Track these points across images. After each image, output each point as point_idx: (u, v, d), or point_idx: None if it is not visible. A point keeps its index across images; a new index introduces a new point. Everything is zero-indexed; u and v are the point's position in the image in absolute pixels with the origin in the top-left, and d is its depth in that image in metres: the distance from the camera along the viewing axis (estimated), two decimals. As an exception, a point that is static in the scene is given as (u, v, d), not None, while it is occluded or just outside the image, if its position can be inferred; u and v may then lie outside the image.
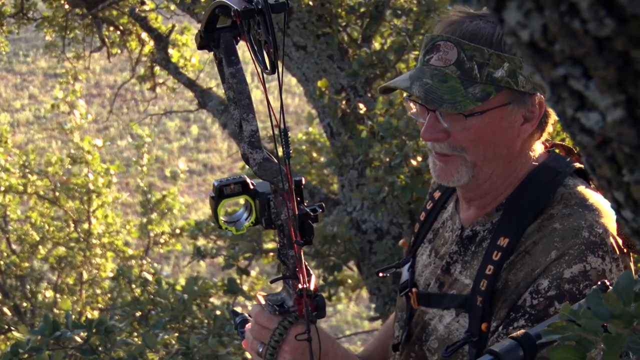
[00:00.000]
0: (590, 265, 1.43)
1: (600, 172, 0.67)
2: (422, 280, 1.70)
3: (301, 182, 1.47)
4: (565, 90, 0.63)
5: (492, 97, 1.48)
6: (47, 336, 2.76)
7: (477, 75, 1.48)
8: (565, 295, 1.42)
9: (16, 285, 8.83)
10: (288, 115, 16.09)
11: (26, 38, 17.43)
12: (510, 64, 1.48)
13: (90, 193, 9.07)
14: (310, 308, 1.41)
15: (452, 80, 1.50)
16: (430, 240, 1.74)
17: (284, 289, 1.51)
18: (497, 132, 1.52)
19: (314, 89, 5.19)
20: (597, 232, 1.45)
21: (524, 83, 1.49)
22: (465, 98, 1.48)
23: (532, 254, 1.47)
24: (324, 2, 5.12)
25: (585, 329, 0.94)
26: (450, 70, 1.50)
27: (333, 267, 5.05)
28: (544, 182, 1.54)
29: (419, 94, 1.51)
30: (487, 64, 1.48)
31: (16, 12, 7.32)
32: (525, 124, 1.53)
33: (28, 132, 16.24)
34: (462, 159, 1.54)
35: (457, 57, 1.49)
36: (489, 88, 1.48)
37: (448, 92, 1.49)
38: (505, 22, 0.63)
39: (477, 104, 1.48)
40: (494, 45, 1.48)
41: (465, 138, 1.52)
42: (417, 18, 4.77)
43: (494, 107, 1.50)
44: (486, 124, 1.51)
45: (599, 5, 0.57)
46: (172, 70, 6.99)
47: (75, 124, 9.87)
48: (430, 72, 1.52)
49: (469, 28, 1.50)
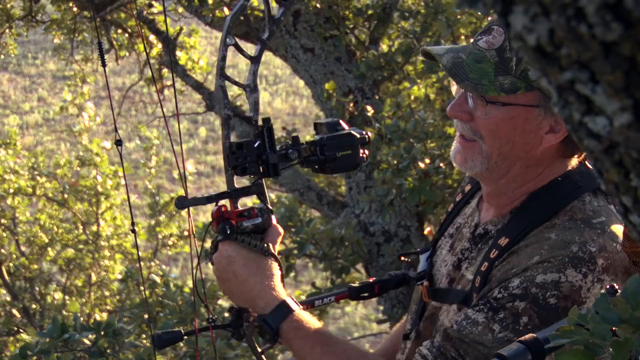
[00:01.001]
0: (567, 278, 1.42)
1: (607, 176, 0.67)
2: (439, 275, 1.71)
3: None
4: (572, 95, 0.63)
5: (519, 93, 1.47)
6: (55, 338, 2.76)
7: (513, 67, 1.48)
8: (528, 296, 1.41)
9: (25, 287, 8.86)
10: (296, 117, 16.11)
11: (35, 40, 17.50)
12: None
13: (98, 195, 9.09)
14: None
15: (486, 64, 1.49)
16: (451, 235, 1.74)
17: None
18: (518, 131, 1.51)
19: (321, 91, 5.19)
20: (588, 250, 1.44)
21: None
22: (491, 84, 1.48)
23: (518, 254, 1.48)
24: (331, 5, 5.12)
25: (594, 334, 0.93)
26: (490, 54, 1.50)
27: (341, 269, 5.04)
28: (560, 193, 1.53)
29: (446, 63, 1.52)
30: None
31: (25, 15, 7.35)
32: (550, 134, 1.51)
33: (37, 134, 16.30)
34: (479, 147, 1.54)
35: (501, 44, 1.49)
36: (519, 83, 1.47)
37: (477, 72, 1.49)
38: (511, 26, 0.63)
39: (501, 94, 1.47)
40: None
41: (484, 125, 1.52)
42: (425, 20, 4.77)
43: (519, 104, 1.49)
44: (508, 119, 1.50)
45: (605, 9, 0.57)
46: (180, 73, 7.00)
47: (83, 126, 9.90)
48: (471, 50, 1.52)
49: None
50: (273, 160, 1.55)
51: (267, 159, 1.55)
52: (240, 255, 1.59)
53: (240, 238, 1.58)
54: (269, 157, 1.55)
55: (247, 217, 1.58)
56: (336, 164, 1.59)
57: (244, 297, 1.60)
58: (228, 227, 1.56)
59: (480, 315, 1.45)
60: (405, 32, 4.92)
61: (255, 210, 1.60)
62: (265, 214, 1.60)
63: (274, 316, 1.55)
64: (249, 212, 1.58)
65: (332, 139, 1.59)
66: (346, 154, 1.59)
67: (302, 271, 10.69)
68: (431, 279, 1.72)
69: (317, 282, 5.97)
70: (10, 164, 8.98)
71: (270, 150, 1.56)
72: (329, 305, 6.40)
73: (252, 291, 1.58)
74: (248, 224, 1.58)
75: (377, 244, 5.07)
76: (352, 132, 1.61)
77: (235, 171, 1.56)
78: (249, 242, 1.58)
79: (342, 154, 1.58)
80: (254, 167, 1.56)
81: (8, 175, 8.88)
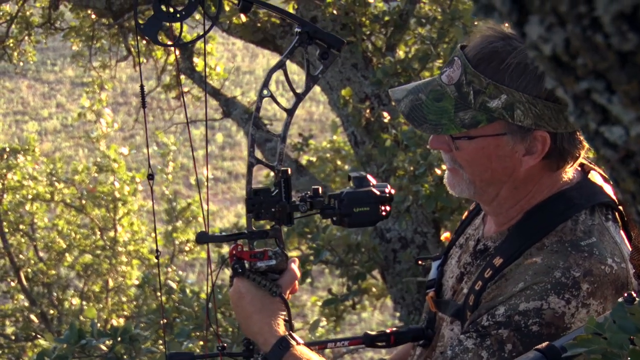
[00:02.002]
0: (549, 305, 1.42)
1: (624, 185, 0.67)
2: (446, 286, 1.73)
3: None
4: (588, 104, 0.63)
5: (481, 125, 1.47)
6: (72, 344, 2.78)
7: (472, 101, 1.48)
8: (511, 324, 1.43)
9: (43, 293, 8.92)
10: (312, 123, 16.13)
11: (54, 47, 17.64)
12: (508, 96, 1.45)
13: (116, 201, 9.15)
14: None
15: (446, 101, 1.50)
16: (461, 246, 1.75)
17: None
18: (493, 158, 1.51)
19: (338, 97, 5.20)
20: (572, 275, 1.43)
21: (521, 117, 1.45)
22: (451, 122, 1.49)
23: (507, 279, 1.49)
24: (348, 11, 5.13)
25: (611, 343, 0.93)
26: (450, 90, 1.51)
27: (357, 275, 5.04)
28: (554, 212, 1.52)
29: (404, 109, 1.55)
30: (483, 92, 1.46)
31: (44, 22, 7.42)
32: (527, 156, 1.50)
33: (55, 140, 16.42)
34: (462, 175, 1.56)
35: (458, 79, 1.49)
36: (480, 116, 1.47)
37: (436, 112, 1.50)
38: (527, 35, 0.63)
39: (462, 130, 1.48)
40: (498, 73, 1.46)
41: (460, 156, 1.54)
42: (442, 27, 4.77)
43: (485, 135, 1.49)
44: (479, 149, 1.51)
45: (621, 19, 0.56)
46: (197, 79, 7.04)
47: (101, 132, 9.97)
48: (433, 86, 1.54)
49: (484, 50, 1.48)
50: (286, 210, 1.65)
51: (282, 208, 1.64)
52: (249, 292, 1.66)
53: (252, 276, 1.67)
54: (283, 206, 1.64)
55: (260, 258, 1.68)
56: (352, 219, 1.67)
57: (249, 332, 1.67)
58: (239, 266, 1.67)
59: (470, 342, 1.48)
60: (422, 39, 4.92)
61: (268, 252, 1.69)
62: (280, 257, 1.70)
63: (274, 353, 1.60)
64: (262, 254, 1.69)
65: (350, 194, 1.67)
66: (363, 210, 1.66)
67: (319, 277, 10.69)
68: (440, 288, 1.73)
69: (334, 288, 5.97)
70: (29, 170, 9.05)
71: (285, 200, 1.64)
72: (346, 312, 6.40)
73: (254, 327, 1.64)
74: (262, 264, 1.69)
75: (393, 250, 5.06)
76: (373, 189, 1.66)
77: (251, 215, 1.66)
78: (260, 281, 1.67)
79: (359, 210, 1.66)
80: (269, 214, 1.66)
81: (27, 182, 8.95)
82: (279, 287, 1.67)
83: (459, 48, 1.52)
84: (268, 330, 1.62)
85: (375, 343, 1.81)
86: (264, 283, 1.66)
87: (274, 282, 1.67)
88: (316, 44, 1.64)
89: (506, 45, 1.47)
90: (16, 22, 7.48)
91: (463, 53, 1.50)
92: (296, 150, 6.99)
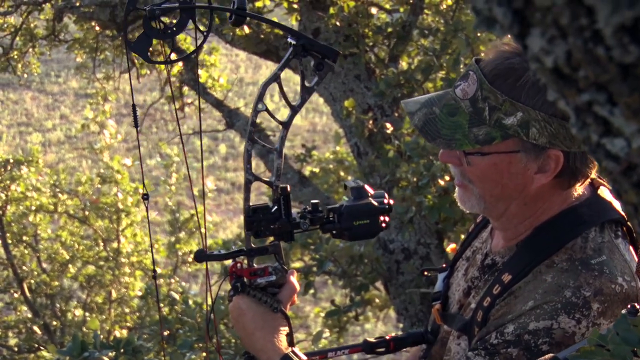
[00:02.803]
0: (559, 325, 1.41)
1: (626, 198, 0.67)
2: (453, 299, 1.72)
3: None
4: (590, 116, 0.63)
5: (495, 142, 1.46)
6: (75, 356, 2.78)
7: (487, 117, 1.46)
8: (521, 343, 1.42)
9: (46, 304, 8.91)
10: (316, 134, 16.14)
11: (58, 59, 17.70)
12: (524, 114, 1.43)
13: (119, 212, 9.15)
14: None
15: (461, 115, 1.49)
16: (467, 259, 1.74)
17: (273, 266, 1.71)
18: (504, 175, 1.50)
19: (341, 108, 5.20)
20: (583, 295, 1.42)
21: (536, 135, 1.43)
22: (465, 137, 1.47)
23: (516, 296, 1.48)
24: (351, 23, 5.14)
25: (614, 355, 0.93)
26: (464, 105, 1.49)
27: (360, 286, 5.03)
28: (563, 229, 1.50)
29: (417, 123, 1.53)
30: (499, 108, 1.44)
31: (48, 34, 7.44)
32: (539, 174, 1.49)
33: (59, 151, 16.45)
34: (472, 190, 1.54)
35: (474, 94, 1.47)
36: (494, 132, 1.45)
37: (450, 127, 1.49)
38: (528, 48, 0.63)
39: (476, 146, 1.47)
40: (514, 90, 1.44)
41: (471, 172, 1.52)
42: (445, 38, 4.77)
43: (499, 152, 1.47)
44: (491, 165, 1.49)
45: (622, 32, 0.57)
46: (200, 91, 7.05)
47: (105, 144, 9.99)
48: (447, 100, 1.52)
49: (501, 67, 1.46)
50: (286, 227, 1.64)
51: (282, 225, 1.64)
52: (250, 308, 1.66)
53: (252, 293, 1.67)
54: (282, 224, 1.64)
55: (260, 275, 1.67)
56: (352, 232, 1.67)
57: (251, 349, 1.67)
58: (240, 284, 1.67)
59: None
60: (424, 50, 4.93)
61: (268, 268, 1.69)
62: (280, 272, 1.69)
63: None
64: (262, 271, 1.68)
65: (350, 208, 1.66)
66: (363, 223, 1.66)
67: (322, 288, 10.68)
68: (446, 301, 1.73)
69: (337, 299, 5.95)
70: (33, 181, 9.06)
71: (285, 217, 1.64)
72: (349, 323, 6.38)
73: (257, 344, 1.64)
74: (262, 280, 1.68)
75: (396, 261, 5.06)
76: (372, 201, 1.65)
77: (250, 232, 1.65)
78: (260, 297, 1.67)
79: (359, 223, 1.66)
80: (269, 231, 1.65)
81: (30, 193, 8.96)
82: (279, 302, 1.67)
83: (474, 62, 1.51)
84: (271, 348, 1.62)
85: (375, 350, 1.80)
86: (264, 299, 1.65)
87: (274, 298, 1.66)
88: (311, 56, 1.63)
89: (523, 62, 1.45)
90: (20, 34, 7.51)
91: (479, 68, 1.48)
92: (299, 162, 7.00)
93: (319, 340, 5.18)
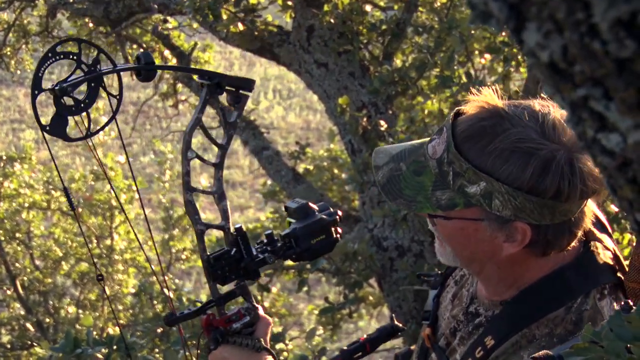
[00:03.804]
0: None
1: (621, 193, 0.67)
2: (441, 321, 1.67)
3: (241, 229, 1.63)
4: (585, 112, 0.63)
5: (458, 209, 1.39)
6: (68, 353, 2.77)
7: (451, 182, 1.38)
8: None
9: (39, 301, 8.90)
10: (310, 131, 16.13)
11: (51, 56, 17.64)
12: (488, 184, 1.34)
13: (112, 209, 9.13)
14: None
15: (426, 176, 1.42)
16: (457, 282, 1.68)
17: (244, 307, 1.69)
18: (471, 240, 1.42)
19: (335, 106, 5.20)
20: None
21: (499, 207, 1.35)
22: (427, 200, 1.41)
23: None
24: (345, 20, 5.14)
25: (608, 351, 0.92)
26: (432, 164, 1.42)
27: (354, 284, 5.03)
28: (550, 296, 1.44)
29: (380, 179, 1.48)
30: (463, 175, 1.37)
31: (41, 31, 7.42)
32: (508, 243, 1.41)
33: (52, 148, 16.39)
34: (445, 247, 1.48)
35: (440, 155, 1.40)
36: (458, 199, 1.38)
37: (414, 187, 1.43)
38: (524, 42, 0.63)
39: (437, 210, 1.40)
40: (481, 157, 1.35)
41: (440, 230, 1.46)
42: (439, 35, 4.78)
43: (462, 218, 1.40)
44: (457, 229, 1.42)
45: (619, 26, 0.56)
46: (194, 88, 7.04)
47: (98, 141, 9.96)
48: (418, 157, 1.45)
49: (472, 128, 1.38)
50: (252, 266, 1.62)
51: (247, 266, 1.62)
52: (233, 355, 1.64)
53: (232, 340, 1.65)
54: (247, 264, 1.62)
55: (235, 320, 1.65)
56: (312, 251, 1.66)
57: None
58: (219, 335, 1.64)
59: None
60: (419, 47, 4.93)
61: (241, 311, 1.67)
62: (252, 311, 1.68)
63: None
64: (237, 316, 1.66)
65: (303, 229, 1.64)
66: (321, 239, 1.65)
67: (315, 286, 10.68)
68: (435, 322, 1.67)
69: (330, 296, 5.96)
70: (26, 178, 9.04)
71: (247, 257, 1.62)
72: (342, 320, 6.38)
73: None
74: (237, 325, 1.66)
75: (390, 258, 5.06)
76: (323, 216, 1.64)
77: (216, 282, 1.62)
78: (241, 342, 1.65)
79: (317, 240, 1.65)
80: (234, 274, 1.63)
81: (23, 190, 8.94)
82: (259, 340, 1.65)
83: (451, 117, 1.43)
84: None
85: (353, 357, 1.79)
86: (245, 342, 1.64)
87: (253, 338, 1.65)
88: (225, 91, 1.60)
89: (496, 126, 1.36)
90: (13, 31, 7.49)
91: (452, 125, 1.40)
92: (293, 159, 6.99)
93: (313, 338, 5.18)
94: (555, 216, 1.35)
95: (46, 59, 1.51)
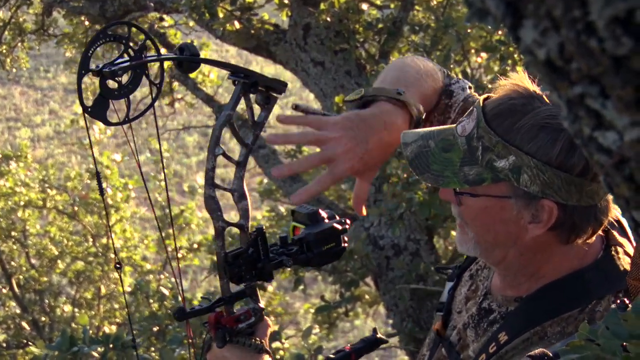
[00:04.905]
0: None
1: (618, 191, 0.67)
2: (455, 315, 1.66)
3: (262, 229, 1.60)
4: (582, 109, 0.63)
5: (485, 184, 1.39)
6: (64, 352, 2.77)
7: (480, 157, 1.39)
8: None
9: (35, 300, 8.88)
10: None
11: (47, 54, 17.61)
12: (517, 158, 1.35)
13: (108, 208, 9.12)
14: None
15: (455, 152, 1.43)
16: (472, 276, 1.68)
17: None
18: (496, 220, 1.43)
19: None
20: None
21: (527, 182, 1.35)
22: (454, 175, 1.42)
23: None
24: (341, 19, 5.13)
25: (604, 349, 0.92)
26: (460, 142, 1.43)
27: (350, 282, 5.04)
28: (568, 296, 1.44)
29: (409, 154, 1.49)
30: (492, 149, 1.38)
31: (37, 29, 7.41)
32: (533, 224, 1.40)
33: (48, 147, 16.38)
34: (467, 232, 1.48)
35: (470, 131, 1.42)
36: (485, 174, 1.39)
37: (441, 162, 1.44)
38: (521, 40, 0.63)
39: (464, 186, 1.41)
40: (510, 132, 1.37)
41: (465, 212, 1.46)
42: (435, 34, 4.78)
43: (490, 194, 1.41)
44: (483, 208, 1.43)
45: (615, 24, 0.56)
46: (190, 86, 7.03)
47: (94, 139, 9.95)
48: (446, 135, 1.47)
49: (502, 106, 1.40)
50: (268, 268, 1.61)
51: (263, 267, 1.61)
52: (234, 355, 1.63)
53: (235, 339, 1.65)
54: (265, 265, 1.61)
55: (244, 320, 1.65)
56: (322, 257, 1.66)
57: None
58: (227, 333, 1.63)
59: None
60: (415, 46, 4.93)
61: (250, 311, 1.66)
62: (259, 312, 1.68)
63: None
64: (245, 316, 1.65)
65: (317, 235, 1.64)
66: (331, 247, 1.66)
67: (312, 284, 10.68)
68: (448, 315, 1.67)
69: (327, 295, 5.96)
70: (21, 176, 9.03)
71: (264, 258, 1.61)
72: (339, 319, 6.38)
73: None
74: (243, 325, 1.66)
75: (386, 257, 5.06)
76: (334, 225, 1.65)
77: (232, 280, 1.61)
78: (244, 342, 1.64)
79: (327, 247, 1.65)
80: (249, 275, 1.62)
81: (19, 188, 8.92)
82: (261, 342, 1.65)
83: (481, 100, 1.44)
84: None
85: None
86: (248, 343, 1.64)
87: (254, 338, 1.65)
88: (258, 91, 1.60)
89: (526, 105, 1.38)
90: (9, 29, 7.47)
91: (482, 105, 1.42)
92: (289, 157, 6.99)
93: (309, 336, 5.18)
94: (582, 197, 1.35)
95: (97, 39, 1.50)
